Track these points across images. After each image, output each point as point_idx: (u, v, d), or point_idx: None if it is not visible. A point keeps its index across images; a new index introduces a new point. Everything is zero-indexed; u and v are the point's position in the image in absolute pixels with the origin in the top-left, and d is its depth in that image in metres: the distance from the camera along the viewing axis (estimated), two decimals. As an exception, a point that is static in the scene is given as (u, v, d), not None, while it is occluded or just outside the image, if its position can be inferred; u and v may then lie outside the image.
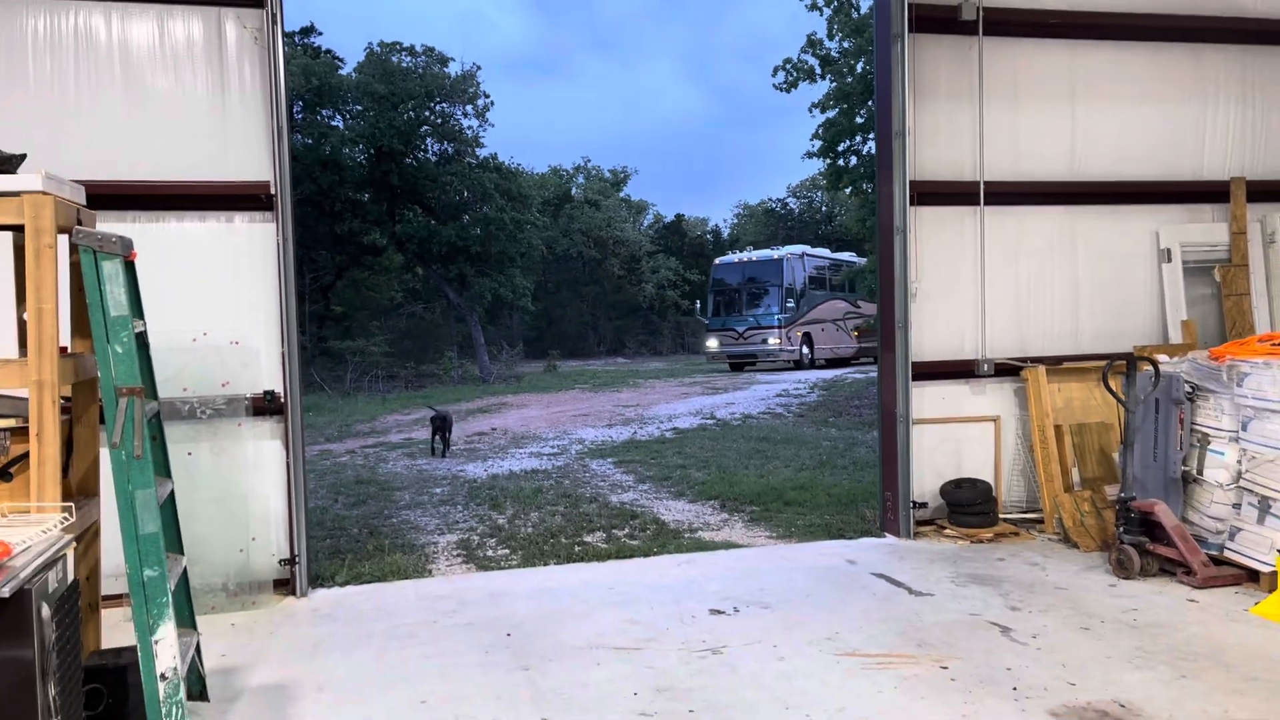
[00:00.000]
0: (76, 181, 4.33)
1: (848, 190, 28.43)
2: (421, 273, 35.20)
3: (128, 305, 4.14)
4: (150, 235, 6.48)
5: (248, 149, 6.83)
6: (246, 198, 6.77)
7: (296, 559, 6.87)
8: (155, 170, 6.68)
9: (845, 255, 37.19)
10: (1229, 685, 4.83)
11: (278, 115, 6.79)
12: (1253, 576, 6.51)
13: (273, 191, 6.79)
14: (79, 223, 4.16)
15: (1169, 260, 8.63)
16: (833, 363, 33.59)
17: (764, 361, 32.23)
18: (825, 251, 37.66)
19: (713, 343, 33.92)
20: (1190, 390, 7.14)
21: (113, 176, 6.44)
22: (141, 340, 4.50)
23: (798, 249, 35.04)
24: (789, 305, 32.18)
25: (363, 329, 33.01)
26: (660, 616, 6.15)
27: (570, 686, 5.02)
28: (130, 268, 4.38)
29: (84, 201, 4.35)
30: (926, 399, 8.23)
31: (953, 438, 8.34)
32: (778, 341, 31.63)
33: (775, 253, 34.70)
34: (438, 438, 13.92)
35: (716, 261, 36.82)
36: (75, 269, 4.25)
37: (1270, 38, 8.71)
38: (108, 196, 5.89)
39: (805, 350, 32.61)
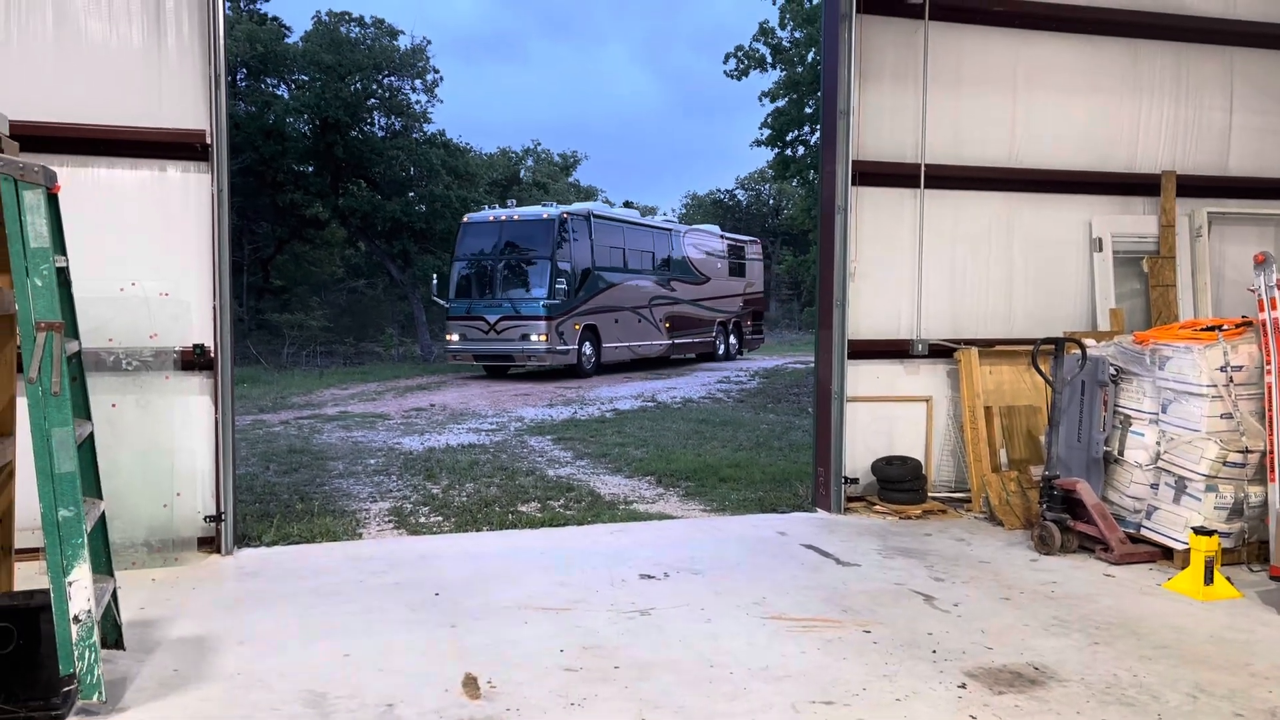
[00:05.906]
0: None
1: (794, 181, 28.68)
2: (364, 248, 34.74)
3: (49, 237, 4.03)
4: (78, 181, 6.35)
5: (183, 98, 6.66)
6: (181, 146, 6.60)
7: (223, 516, 6.75)
8: (85, 115, 6.48)
9: (658, 220, 28.71)
10: (1138, 652, 4.98)
11: (215, 64, 6.63)
12: (1167, 554, 6.71)
13: (208, 141, 6.64)
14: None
15: (1100, 249, 8.83)
16: (638, 364, 25.45)
17: (525, 364, 23.45)
18: (629, 213, 27.98)
19: (454, 336, 23.79)
20: (1115, 373, 7.32)
21: (40, 118, 6.24)
22: (63, 276, 4.37)
23: (582, 207, 25.43)
24: (560, 287, 22.55)
25: (302, 303, 32.52)
26: (590, 580, 6.16)
27: (497, 643, 5.01)
28: (53, 201, 4.26)
29: (6, 131, 4.22)
30: (861, 377, 8.34)
31: (885, 416, 8.47)
32: (543, 338, 22.32)
33: (545, 210, 24.18)
34: None
35: (466, 219, 25.20)
36: (-5, 201, 4.11)
37: (1206, 36, 8.93)
38: (34, 138, 5.68)
39: (588, 349, 23.60)
